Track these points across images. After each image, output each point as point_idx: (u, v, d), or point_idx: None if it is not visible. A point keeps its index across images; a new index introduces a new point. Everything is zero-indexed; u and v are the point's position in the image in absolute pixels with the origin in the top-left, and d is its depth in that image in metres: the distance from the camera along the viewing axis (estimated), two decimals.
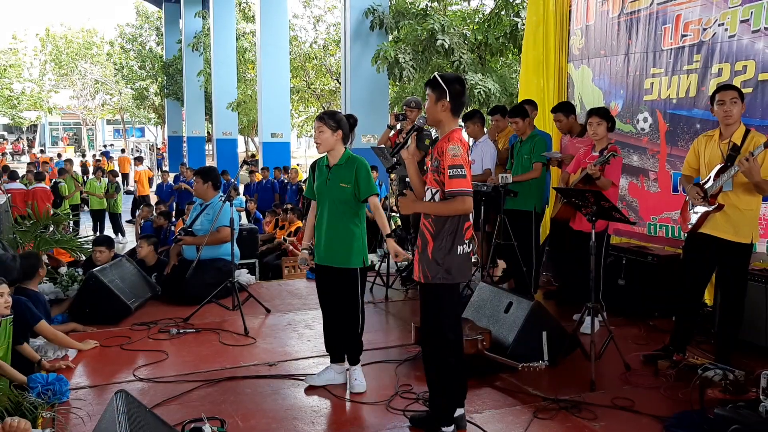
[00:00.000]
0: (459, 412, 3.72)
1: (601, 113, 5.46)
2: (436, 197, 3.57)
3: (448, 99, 3.54)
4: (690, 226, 4.66)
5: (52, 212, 9.74)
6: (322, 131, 4.22)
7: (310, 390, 4.35)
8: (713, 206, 4.48)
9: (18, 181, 13.69)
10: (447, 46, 11.55)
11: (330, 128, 4.22)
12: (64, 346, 4.89)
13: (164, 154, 33.60)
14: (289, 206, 10.93)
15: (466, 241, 3.57)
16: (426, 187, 3.66)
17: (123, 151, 32.81)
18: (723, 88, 4.59)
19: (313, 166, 4.44)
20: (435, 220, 3.55)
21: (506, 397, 4.23)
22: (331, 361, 4.47)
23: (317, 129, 4.24)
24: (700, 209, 4.57)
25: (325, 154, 4.34)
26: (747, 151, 4.30)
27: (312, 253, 4.39)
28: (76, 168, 19.37)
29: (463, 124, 7.11)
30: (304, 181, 14.83)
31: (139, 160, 18.78)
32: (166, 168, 25.47)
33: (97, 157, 27.81)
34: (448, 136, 3.56)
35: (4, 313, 4.14)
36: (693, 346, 4.96)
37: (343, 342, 4.40)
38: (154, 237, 7.54)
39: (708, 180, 4.55)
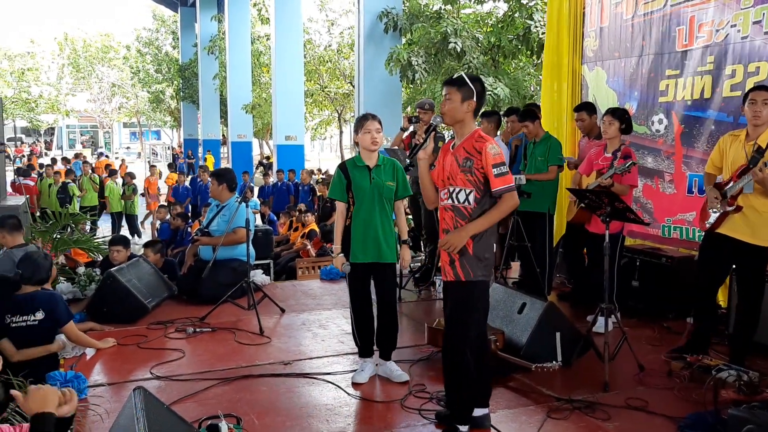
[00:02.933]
0: (482, 411, 3.74)
1: (617, 114, 5.46)
2: (471, 198, 3.53)
3: (475, 99, 3.55)
4: (708, 225, 4.65)
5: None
6: (380, 131, 4.39)
7: (325, 388, 4.39)
8: (732, 207, 4.48)
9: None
10: (459, 49, 11.56)
11: (381, 128, 4.43)
12: (85, 346, 4.95)
13: (181, 156, 33.55)
14: (303, 207, 11.00)
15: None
16: (451, 189, 3.61)
17: (101, 155, 32.91)
18: (757, 88, 4.58)
19: (342, 168, 4.47)
20: (469, 219, 3.55)
21: (520, 397, 4.25)
22: (364, 356, 4.57)
23: (376, 130, 4.36)
24: (721, 210, 4.56)
25: (354, 155, 4.52)
26: None
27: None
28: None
29: (482, 120, 7.15)
30: (317, 182, 14.96)
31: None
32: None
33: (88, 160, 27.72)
34: (480, 135, 3.56)
35: None
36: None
37: (383, 337, 4.52)
38: (159, 243, 7.59)
39: (730, 180, 4.56)
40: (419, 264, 7.48)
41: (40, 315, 4.48)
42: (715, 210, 4.60)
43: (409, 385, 4.38)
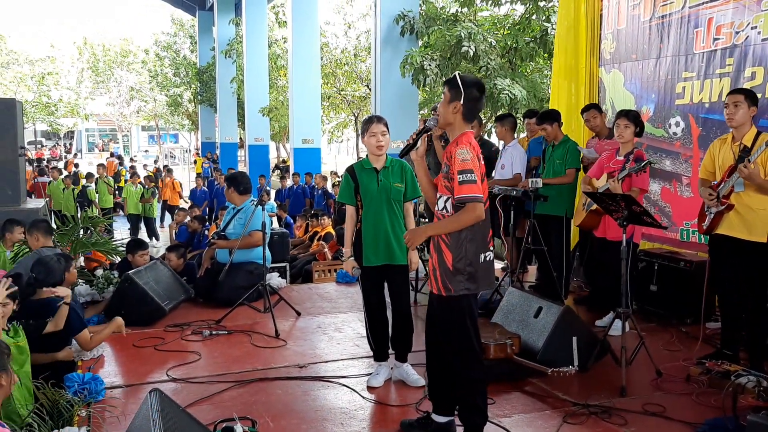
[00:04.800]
0: (445, 419, 3.67)
1: (631, 116, 5.42)
2: (448, 205, 3.39)
3: (461, 102, 3.36)
4: (705, 227, 4.76)
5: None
6: (385, 134, 4.34)
7: (340, 392, 4.40)
8: (723, 206, 4.59)
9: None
10: (472, 53, 11.52)
11: (388, 130, 4.37)
12: (102, 341, 4.96)
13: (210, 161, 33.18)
14: (319, 212, 11.01)
15: (491, 249, 3.48)
16: (438, 195, 3.50)
17: (119, 156, 33.10)
18: (731, 91, 4.72)
19: (350, 172, 4.46)
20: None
21: (535, 401, 4.23)
22: (379, 360, 4.57)
23: (381, 133, 4.31)
24: (714, 210, 4.66)
25: (362, 158, 4.48)
26: (762, 158, 4.40)
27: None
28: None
29: (496, 124, 7.13)
30: (334, 186, 14.99)
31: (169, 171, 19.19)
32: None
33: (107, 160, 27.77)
34: (457, 139, 3.39)
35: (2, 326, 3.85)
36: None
37: (398, 339, 4.50)
38: (182, 247, 7.65)
39: (722, 181, 4.66)
40: None
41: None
42: (710, 211, 4.69)
43: (424, 388, 4.36)
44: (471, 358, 3.46)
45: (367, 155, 4.48)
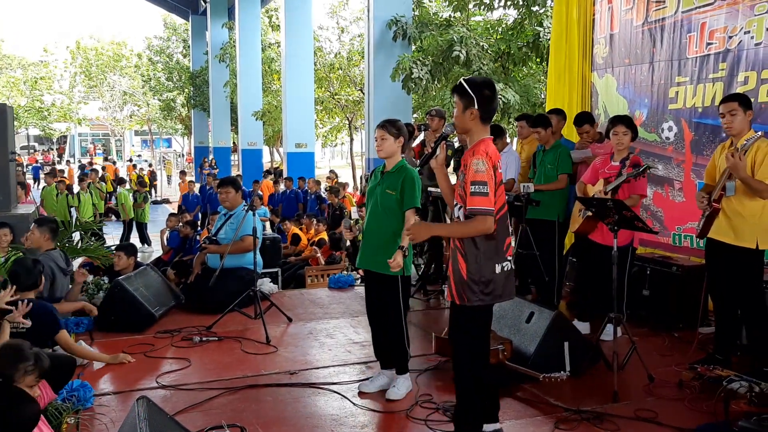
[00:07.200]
0: (493, 427, 3.66)
1: (626, 122, 5.39)
2: (461, 213, 3.38)
3: (476, 106, 3.33)
4: (698, 231, 4.78)
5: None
6: (385, 138, 4.28)
7: (331, 398, 4.36)
8: (709, 210, 4.62)
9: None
10: (462, 59, 11.52)
11: (392, 135, 4.29)
12: (84, 358, 4.86)
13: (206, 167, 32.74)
14: (311, 216, 11.00)
15: (509, 258, 3.43)
16: (456, 203, 3.49)
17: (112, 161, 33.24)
18: (724, 99, 4.65)
19: (373, 171, 4.52)
20: (464, 239, 3.36)
21: (527, 407, 4.21)
22: (382, 367, 4.52)
23: (379, 137, 4.29)
24: (705, 213, 4.70)
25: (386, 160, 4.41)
26: (750, 157, 4.39)
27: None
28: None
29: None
30: (327, 189, 14.96)
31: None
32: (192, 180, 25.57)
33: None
34: (473, 148, 3.34)
35: None
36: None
37: (387, 349, 4.44)
38: (188, 265, 7.67)
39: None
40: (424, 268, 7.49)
41: (27, 323, 4.49)
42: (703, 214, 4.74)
43: (415, 395, 4.34)
44: (480, 365, 3.48)
45: None
